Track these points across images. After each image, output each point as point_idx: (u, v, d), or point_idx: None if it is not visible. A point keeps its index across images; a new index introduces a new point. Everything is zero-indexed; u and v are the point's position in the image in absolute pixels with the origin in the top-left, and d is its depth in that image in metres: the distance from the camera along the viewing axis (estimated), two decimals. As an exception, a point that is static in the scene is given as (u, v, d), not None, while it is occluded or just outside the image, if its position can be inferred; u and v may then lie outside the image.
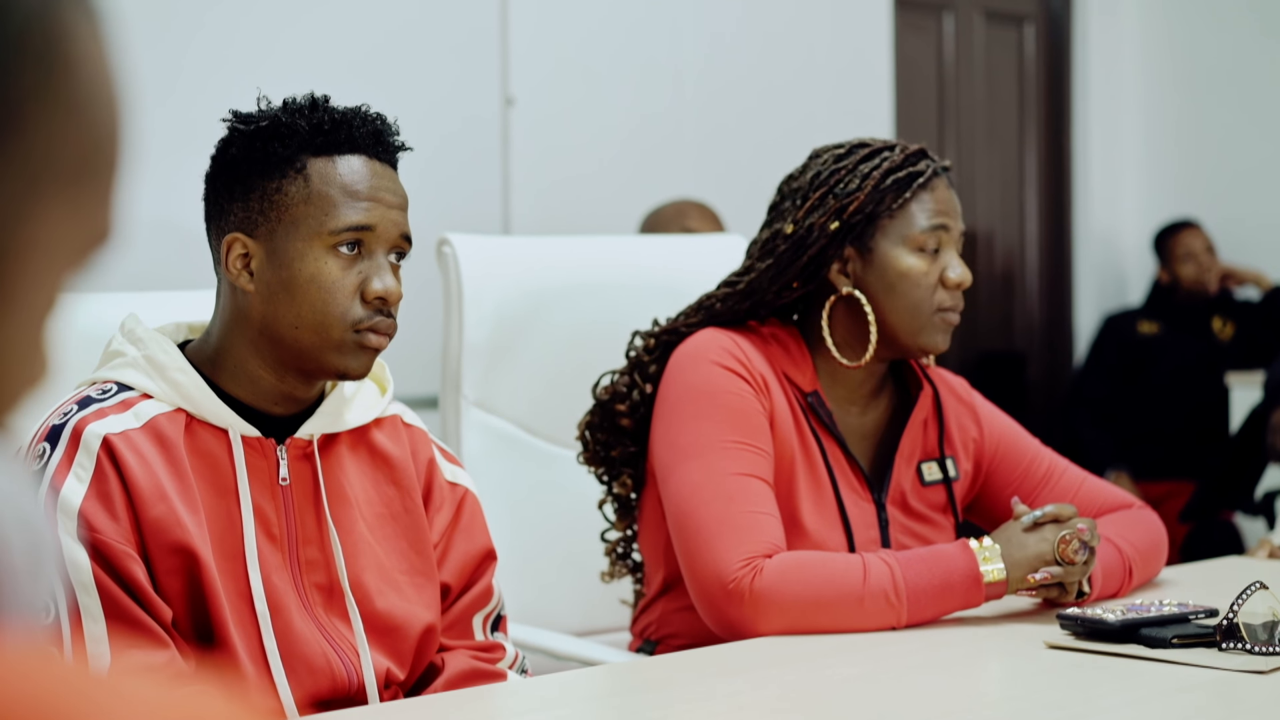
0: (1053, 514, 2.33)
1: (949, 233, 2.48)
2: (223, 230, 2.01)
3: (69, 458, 1.88)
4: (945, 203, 2.49)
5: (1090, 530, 2.33)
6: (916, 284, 2.46)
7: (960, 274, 2.47)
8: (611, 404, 2.59)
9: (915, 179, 2.47)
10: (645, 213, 4.70)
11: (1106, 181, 7.04)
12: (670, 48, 5.41)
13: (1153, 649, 2.10)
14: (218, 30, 4.36)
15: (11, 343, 0.69)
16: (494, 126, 4.97)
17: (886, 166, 2.47)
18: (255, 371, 2.02)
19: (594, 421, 2.62)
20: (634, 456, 2.60)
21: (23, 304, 0.69)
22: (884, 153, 2.50)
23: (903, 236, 2.47)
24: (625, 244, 3.57)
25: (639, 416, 2.57)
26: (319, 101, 2.02)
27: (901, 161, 2.48)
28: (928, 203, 2.47)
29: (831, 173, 2.50)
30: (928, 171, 2.48)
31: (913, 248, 2.46)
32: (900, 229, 2.47)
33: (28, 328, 0.70)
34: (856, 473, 2.52)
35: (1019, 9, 6.89)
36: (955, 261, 2.48)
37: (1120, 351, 6.40)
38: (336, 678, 2.00)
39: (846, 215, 2.46)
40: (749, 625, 2.26)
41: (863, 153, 2.51)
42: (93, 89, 0.71)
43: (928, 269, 2.47)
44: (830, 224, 2.47)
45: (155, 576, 1.89)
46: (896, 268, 2.47)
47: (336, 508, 2.05)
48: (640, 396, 2.57)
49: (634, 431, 2.58)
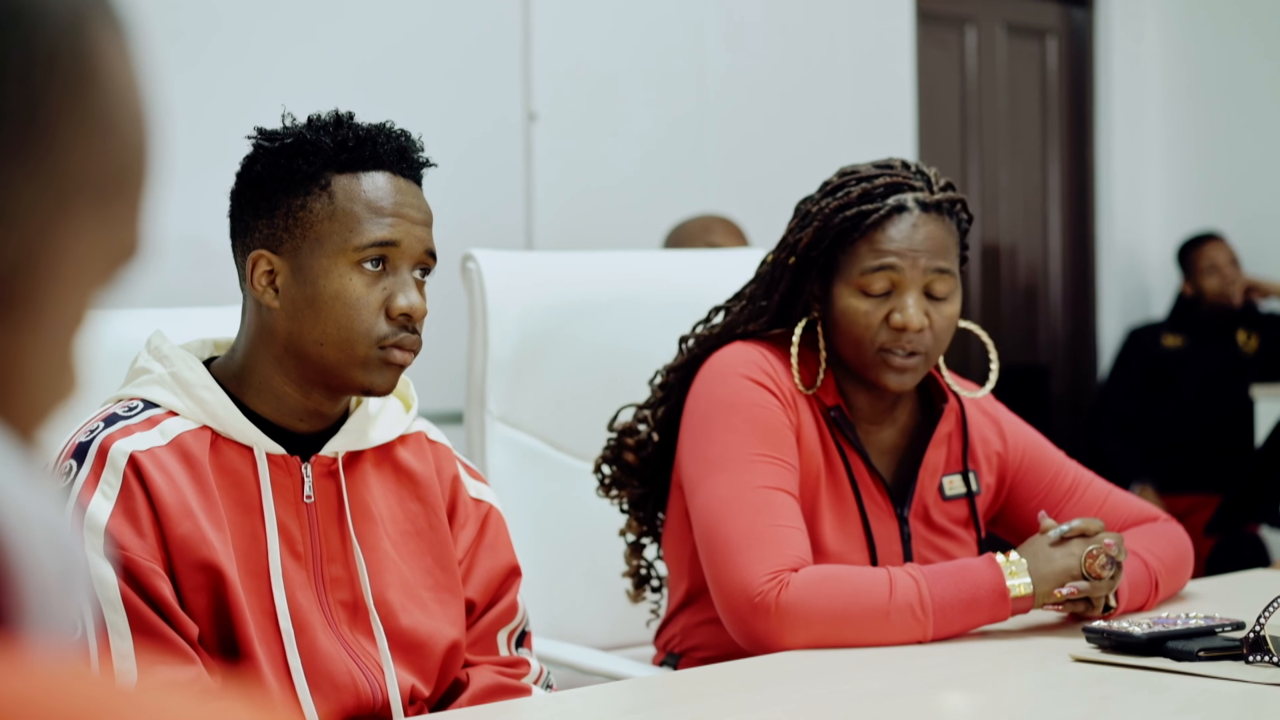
0: (1080, 528, 2.33)
1: (901, 273, 2.42)
2: (248, 247, 2.02)
3: (95, 475, 1.89)
4: (903, 242, 2.42)
5: (1117, 545, 2.32)
6: (854, 323, 2.44)
7: (904, 318, 2.41)
8: (624, 438, 2.62)
9: (865, 218, 2.43)
10: (669, 227, 4.70)
11: (1130, 194, 7.03)
12: (692, 62, 5.42)
13: (1179, 662, 2.09)
14: (241, 48, 4.37)
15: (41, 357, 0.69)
16: (517, 141, 4.98)
17: (837, 205, 2.44)
18: (280, 388, 2.02)
19: (607, 456, 2.66)
20: (642, 499, 2.62)
21: (52, 319, 0.69)
22: (849, 187, 2.46)
23: (848, 278, 2.45)
24: (649, 259, 3.57)
25: (646, 455, 2.60)
26: (344, 118, 2.03)
27: (858, 198, 2.44)
28: (879, 242, 2.42)
29: (806, 208, 2.50)
30: (886, 208, 2.43)
31: (855, 288, 2.44)
32: (847, 268, 2.45)
33: (57, 342, 0.70)
34: (880, 487, 2.52)
35: (1041, 22, 6.89)
36: (908, 303, 2.42)
37: (1144, 364, 6.38)
38: (361, 694, 2.00)
39: (800, 250, 2.47)
40: (775, 639, 2.26)
41: (838, 183, 2.48)
42: (121, 105, 0.71)
43: (869, 309, 2.43)
44: (789, 259, 2.48)
45: (181, 593, 1.89)
46: (840, 307, 2.45)
47: (361, 525, 2.06)
48: (648, 436, 2.59)
49: (641, 471, 2.60)
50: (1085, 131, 6.99)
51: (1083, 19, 6.97)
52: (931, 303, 2.44)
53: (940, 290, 2.45)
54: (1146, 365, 6.38)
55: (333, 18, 4.57)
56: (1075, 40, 6.98)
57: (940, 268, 2.44)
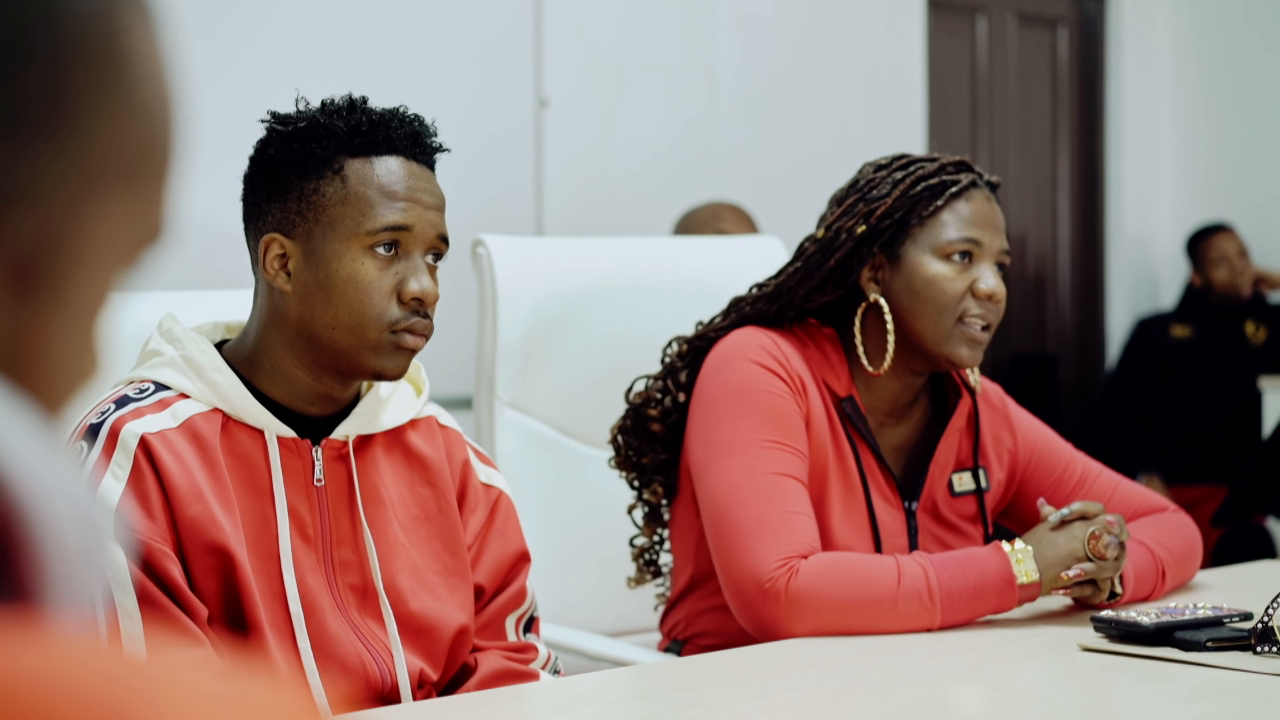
0: (1080, 511, 2.34)
1: (981, 246, 2.45)
2: (260, 231, 2.02)
3: (106, 456, 1.89)
4: (982, 216, 2.46)
5: (1119, 524, 2.33)
6: (942, 290, 2.44)
7: (991, 285, 2.44)
8: (644, 409, 2.59)
9: (948, 187, 2.45)
10: (679, 214, 4.70)
11: (1139, 185, 7.02)
12: (704, 50, 5.42)
13: (1187, 652, 2.09)
14: (254, 32, 4.37)
15: (64, 338, 0.70)
16: (528, 128, 4.98)
17: (919, 174, 2.46)
18: (292, 372, 2.03)
19: (626, 426, 2.62)
20: (665, 464, 2.60)
21: (76, 300, 0.69)
22: (922, 163, 2.49)
23: (931, 244, 2.45)
24: (659, 245, 3.57)
25: (670, 423, 2.57)
26: (357, 103, 2.03)
27: (936, 170, 2.47)
28: (961, 213, 2.45)
29: (868, 180, 2.49)
30: (964, 182, 2.46)
31: (940, 255, 2.45)
32: (929, 237, 2.45)
33: (80, 324, 0.70)
34: (888, 479, 2.52)
35: (1052, 12, 6.88)
36: (988, 273, 2.46)
37: (1153, 355, 6.38)
38: (370, 678, 2.00)
39: (874, 219, 2.45)
40: (783, 625, 2.26)
41: (901, 161, 2.50)
42: (148, 89, 0.71)
43: (955, 277, 2.44)
44: (858, 228, 2.46)
45: (191, 575, 1.90)
46: (923, 274, 2.45)
47: (371, 509, 2.06)
48: (673, 403, 2.57)
49: (665, 438, 2.58)
50: (1095, 122, 6.99)
51: (1094, 9, 6.96)
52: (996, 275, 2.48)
53: (1004, 263, 2.49)
54: (1155, 356, 6.38)
55: (347, 4, 4.57)
56: (1086, 30, 6.97)
57: (1006, 247, 2.50)
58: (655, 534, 2.68)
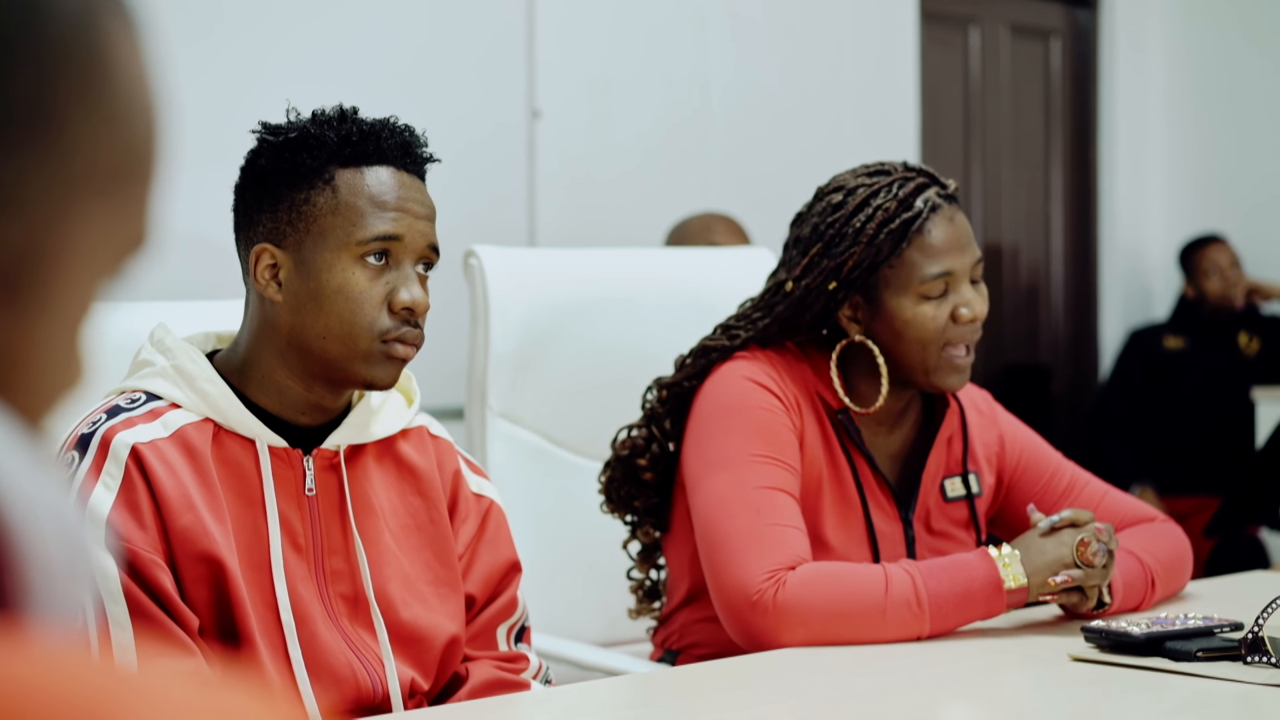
0: (1069, 518, 2.34)
1: (955, 274, 2.44)
2: (251, 241, 2.02)
3: (97, 466, 1.89)
4: (949, 241, 2.44)
5: (1108, 533, 2.34)
6: (924, 329, 2.43)
7: (974, 309, 2.44)
8: (631, 459, 2.60)
9: (909, 226, 2.43)
10: (671, 225, 4.70)
11: (1132, 196, 7.03)
12: (696, 60, 5.42)
13: (1177, 662, 2.10)
14: (245, 42, 4.38)
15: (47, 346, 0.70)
16: (520, 138, 4.98)
17: (880, 218, 2.42)
18: (283, 381, 2.03)
19: (615, 476, 2.63)
20: (657, 506, 2.61)
21: (59, 308, 0.70)
22: (881, 201, 2.44)
23: (905, 286, 2.44)
24: (651, 256, 3.58)
25: (660, 469, 2.58)
26: (347, 113, 2.03)
27: (895, 208, 2.43)
28: (929, 246, 2.43)
29: (828, 226, 2.46)
30: (924, 211, 2.43)
31: (917, 296, 2.44)
32: (902, 279, 2.44)
33: (63, 332, 0.70)
34: (885, 491, 2.52)
35: (1045, 23, 6.89)
36: (967, 295, 2.45)
37: (1145, 366, 6.38)
38: (361, 687, 2.00)
39: (844, 274, 2.45)
40: (772, 637, 2.26)
41: (859, 198, 2.45)
42: (131, 96, 0.72)
43: (935, 312, 2.44)
44: (828, 284, 2.46)
45: (182, 585, 1.90)
46: (902, 317, 2.44)
47: (362, 518, 2.06)
48: (660, 450, 2.58)
49: (656, 484, 2.59)
50: (1088, 133, 7.00)
51: (1087, 20, 6.97)
52: (975, 289, 2.47)
53: (978, 276, 2.49)
54: (1148, 367, 6.38)
55: (337, 13, 4.58)
56: (1079, 41, 6.98)
57: (978, 257, 2.48)
58: (650, 569, 2.69)
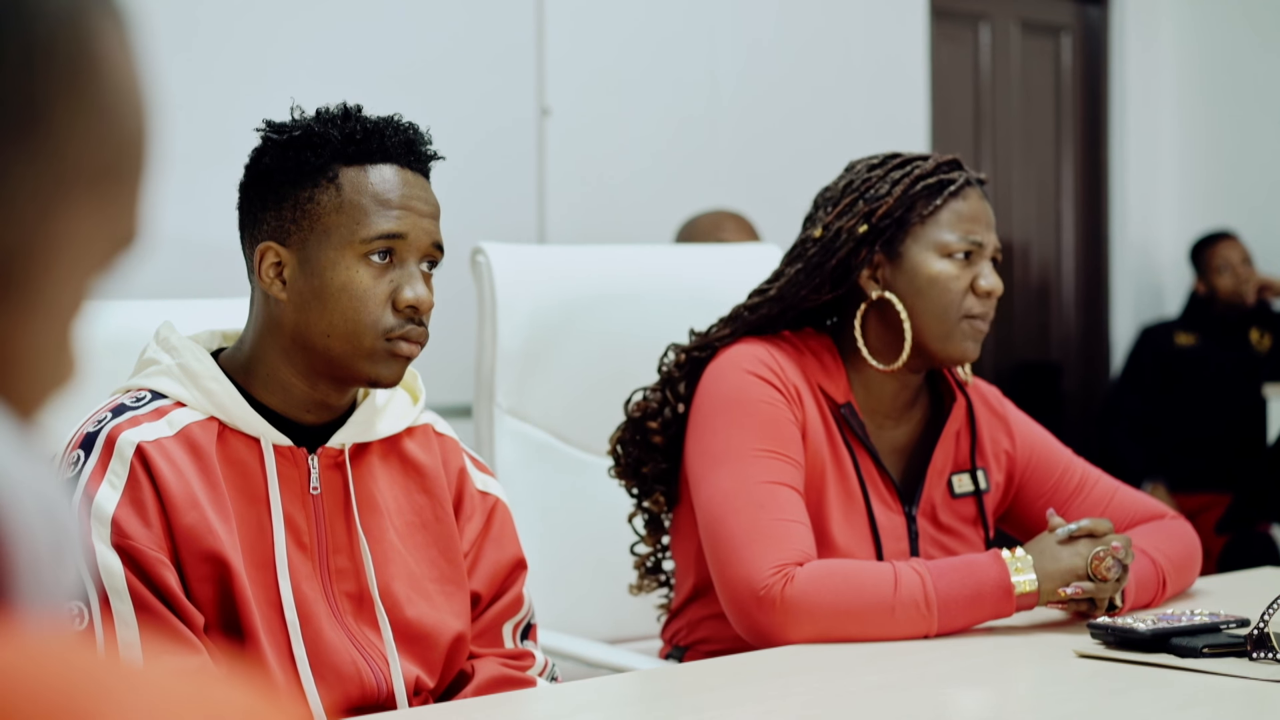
0: (1088, 529, 2.33)
1: (980, 245, 2.48)
2: (256, 239, 2.03)
3: (103, 465, 1.90)
4: (977, 213, 2.48)
5: (1125, 548, 2.32)
6: (946, 288, 2.45)
7: (991, 282, 2.46)
8: (643, 420, 2.59)
9: (946, 186, 2.47)
10: (681, 223, 4.70)
11: (1143, 192, 7.02)
12: (706, 58, 5.42)
13: (1183, 658, 2.09)
14: (251, 40, 4.38)
15: (39, 343, 0.70)
16: (530, 136, 4.98)
17: (918, 173, 2.47)
18: (287, 380, 2.03)
19: (626, 437, 2.62)
20: (666, 473, 2.60)
21: (50, 304, 0.70)
22: (917, 162, 2.50)
23: (932, 242, 2.46)
24: (660, 253, 3.57)
25: (671, 434, 2.58)
26: (351, 111, 2.03)
27: (933, 169, 2.48)
28: (959, 211, 2.47)
29: (863, 180, 2.50)
30: (960, 180, 2.48)
31: (942, 254, 2.46)
32: (930, 235, 2.46)
33: (54, 327, 0.71)
34: (888, 484, 2.52)
35: (1056, 20, 6.88)
36: (987, 270, 2.48)
37: (1157, 363, 6.37)
38: (366, 685, 2.01)
39: (875, 219, 2.46)
40: (779, 633, 2.26)
41: (895, 161, 2.51)
42: (119, 93, 0.72)
43: (958, 274, 2.46)
44: (859, 227, 2.47)
45: (187, 583, 1.90)
46: (926, 273, 2.46)
47: (367, 516, 2.06)
48: (672, 414, 2.57)
49: (666, 448, 2.58)
50: (1099, 129, 6.99)
51: (1098, 16, 6.96)
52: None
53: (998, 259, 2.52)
54: (1159, 363, 6.37)
55: (346, 11, 4.58)
56: (1090, 38, 6.97)
57: (999, 245, 2.52)
58: (657, 543, 2.68)
